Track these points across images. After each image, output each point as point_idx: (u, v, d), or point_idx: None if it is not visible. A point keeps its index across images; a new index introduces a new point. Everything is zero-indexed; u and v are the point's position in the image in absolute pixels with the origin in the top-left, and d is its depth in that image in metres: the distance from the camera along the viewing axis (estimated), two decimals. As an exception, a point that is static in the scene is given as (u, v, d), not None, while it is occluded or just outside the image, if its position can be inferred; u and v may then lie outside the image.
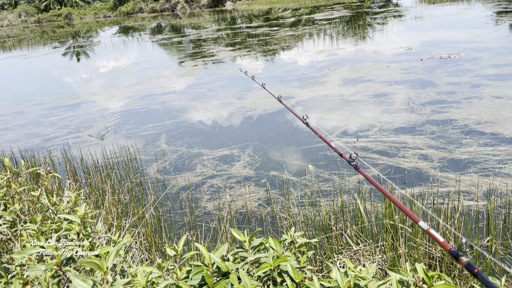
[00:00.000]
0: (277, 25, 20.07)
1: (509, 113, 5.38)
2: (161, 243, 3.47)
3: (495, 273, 2.77)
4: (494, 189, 3.74)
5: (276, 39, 15.19)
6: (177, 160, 5.41)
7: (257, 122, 6.48)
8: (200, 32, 21.42)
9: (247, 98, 7.81)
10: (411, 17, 16.83)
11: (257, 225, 3.74)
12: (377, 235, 3.14)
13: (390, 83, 7.56)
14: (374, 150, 4.93)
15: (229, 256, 1.19)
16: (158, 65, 13.07)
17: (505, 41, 9.96)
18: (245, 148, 5.48)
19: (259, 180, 4.58)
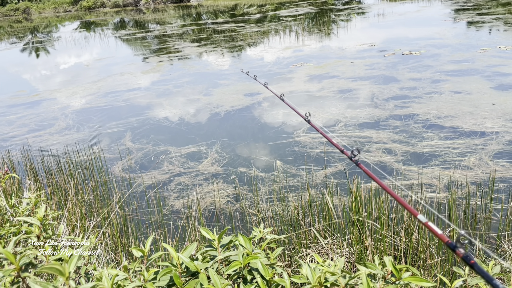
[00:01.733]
0: (243, 21, 20.02)
1: (467, 108, 5.60)
2: (127, 243, 3.40)
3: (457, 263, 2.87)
4: (455, 181, 3.88)
5: (242, 35, 15.16)
6: (142, 158, 5.30)
7: (224, 119, 6.45)
8: (165, 27, 21.07)
9: (214, 95, 7.75)
10: (374, 14, 17.19)
11: (226, 222, 3.73)
12: (344, 228, 3.19)
13: (354, 79, 7.70)
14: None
15: (198, 255, 1.17)
16: (122, 61, 12.77)
17: (463, 37, 10.34)
18: (213, 144, 5.44)
19: (228, 176, 4.56)
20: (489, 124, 5.00)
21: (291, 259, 2.92)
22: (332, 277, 0.95)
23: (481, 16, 13.26)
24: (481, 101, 5.78)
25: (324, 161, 4.63)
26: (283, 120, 6.08)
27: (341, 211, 3.41)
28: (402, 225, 2.98)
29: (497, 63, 7.55)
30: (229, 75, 9.18)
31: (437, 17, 14.47)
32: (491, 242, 3.03)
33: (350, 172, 4.32)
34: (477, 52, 8.61)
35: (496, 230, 3.14)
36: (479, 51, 8.63)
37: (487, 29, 11.22)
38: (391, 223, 3.10)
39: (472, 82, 6.62)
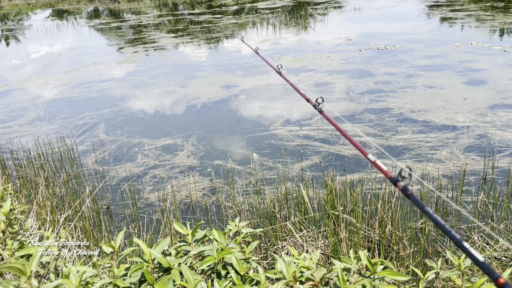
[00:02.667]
0: (220, 12, 19.83)
1: (440, 102, 5.71)
2: (100, 237, 3.33)
3: (429, 254, 2.93)
4: (427, 174, 3.96)
5: (219, 26, 15.02)
6: (116, 150, 5.20)
7: (201, 111, 6.38)
8: (140, 17, 20.66)
9: (191, 86, 7.66)
10: (350, 9, 17.32)
11: (202, 215, 3.70)
12: (320, 221, 3.21)
13: (331, 72, 7.74)
14: (316, 138, 5.03)
15: (172, 250, 1.14)
16: (96, 51, 12.46)
17: (436, 33, 10.54)
18: (189, 137, 5.39)
19: (204, 169, 4.52)
20: (461, 119, 5.12)
21: (266, 252, 2.92)
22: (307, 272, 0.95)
23: (454, 12, 13.53)
24: (453, 96, 5.91)
25: (300, 154, 4.65)
26: (260, 112, 6.07)
27: (317, 204, 3.43)
28: (376, 217, 3.02)
29: (469, 59, 7.73)
30: (206, 67, 9.08)
31: (411, 12, 14.69)
32: (461, 233, 3.11)
33: (326, 165, 4.35)
34: (450, 47, 8.79)
35: (466, 222, 3.22)
36: (452, 47, 8.81)
37: (459, 25, 11.46)
38: (365, 215, 3.14)
39: (445, 77, 6.76)
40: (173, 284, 0.99)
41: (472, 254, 0.66)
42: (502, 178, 3.77)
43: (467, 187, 3.68)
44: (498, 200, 3.38)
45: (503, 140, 4.47)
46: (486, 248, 2.81)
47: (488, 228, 3.02)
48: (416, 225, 3.17)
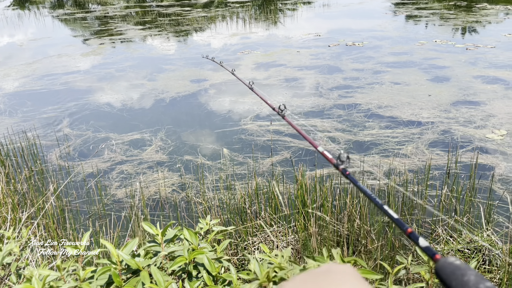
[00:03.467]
0: (189, 5, 19.56)
1: (405, 98, 5.85)
2: (65, 235, 3.23)
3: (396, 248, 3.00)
4: (394, 168, 4.05)
5: (188, 19, 14.81)
6: (82, 145, 5.05)
7: (169, 105, 6.28)
8: (106, 8, 20.10)
9: (159, 80, 7.52)
10: (319, 5, 17.46)
11: (171, 211, 3.65)
12: (290, 216, 3.23)
13: (300, 68, 7.79)
14: (286, 133, 5.05)
15: (141, 251, 1.11)
16: (60, 42, 12.04)
17: (402, 31, 10.78)
18: (157, 132, 5.29)
19: (173, 165, 4.46)
20: (425, 115, 5.26)
21: (237, 248, 2.91)
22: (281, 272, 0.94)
23: (419, 10, 13.88)
24: (418, 92, 6.06)
25: (271, 149, 4.66)
26: (230, 107, 6.03)
27: (287, 199, 3.44)
28: (345, 212, 3.07)
29: (433, 56, 7.95)
30: (175, 60, 8.94)
31: (378, 10, 14.95)
32: (426, 227, 3.20)
33: (296, 160, 4.38)
34: (415, 45, 9.01)
35: (431, 215, 3.31)
36: (417, 44, 9.03)
37: (424, 23, 11.77)
38: (334, 210, 3.18)
39: (410, 74, 6.93)
40: (142, 286, 0.96)
41: (389, 213, 0.79)
42: (464, 173, 3.91)
43: (432, 181, 3.79)
44: (461, 194, 3.49)
45: (465, 136, 4.63)
46: (450, 241, 2.90)
47: (452, 221, 3.12)
48: (384, 219, 3.23)
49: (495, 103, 5.45)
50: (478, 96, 5.74)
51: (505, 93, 5.78)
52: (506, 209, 3.35)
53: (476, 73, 6.76)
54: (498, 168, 3.96)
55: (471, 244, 2.81)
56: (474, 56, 7.79)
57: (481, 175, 3.84)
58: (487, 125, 4.85)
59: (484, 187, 3.66)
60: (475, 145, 4.41)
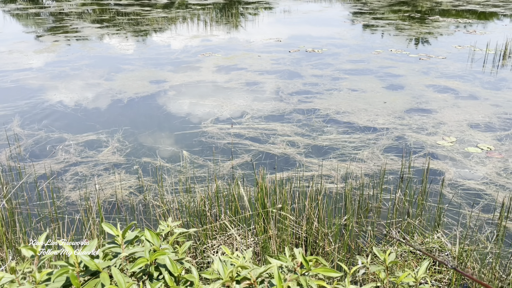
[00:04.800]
0: (149, 5, 19.24)
1: (362, 105, 6.03)
2: (14, 239, 3.07)
3: (352, 249, 3.08)
4: (351, 172, 4.16)
5: (148, 19, 14.56)
6: (33, 145, 4.83)
7: (127, 106, 6.14)
8: (62, 4, 19.39)
9: (117, 80, 7.34)
10: (280, 11, 17.69)
11: (128, 214, 3.56)
12: (250, 218, 3.24)
13: (261, 72, 7.84)
14: (246, 136, 5.06)
15: (99, 252, 1.07)
16: (11, 38, 11.48)
17: (359, 39, 11.12)
18: (114, 133, 5.15)
19: (130, 167, 4.36)
20: (381, 121, 5.45)
21: (196, 251, 2.89)
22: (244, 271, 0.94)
23: (376, 20, 14.37)
24: (374, 99, 6.27)
25: (231, 152, 4.65)
26: (190, 109, 5.98)
27: (247, 202, 3.45)
28: (304, 214, 3.11)
29: (389, 65, 8.25)
30: (133, 60, 8.76)
31: (337, 18, 15.35)
32: (380, 230, 3.31)
33: (256, 164, 4.40)
34: (372, 53, 9.31)
35: (385, 218, 3.43)
36: (374, 53, 9.35)
37: (380, 32, 12.19)
38: (293, 212, 3.22)
39: (367, 81, 7.15)
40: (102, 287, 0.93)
41: None
42: (417, 177, 4.07)
43: (386, 185, 3.93)
44: (413, 197, 3.64)
45: (418, 142, 4.83)
46: (403, 243, 3.01)
47: (405, 223, 3.24)
48: (340, 221, 3.31)
49: (445, 111, 5.73)
50: (430, 104, 6.01)
51: (455, 102, 6.09)
52: (455, 212, 3.52)
53: (428, 82, 7.08)
54: (448, 173, 4.16)
55: (422, 246, 2.93)
56: (427, 66, 8.15)
57: (432, 179, 4.02)
58: (438, 132, 5.08)
59: (435, 191, 3.83)
60: (426, 151, 4.61)
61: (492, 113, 5.67)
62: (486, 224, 3.35)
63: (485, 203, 3.66)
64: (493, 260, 2.76)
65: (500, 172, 4.16)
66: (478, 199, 3.72)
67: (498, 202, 3.62)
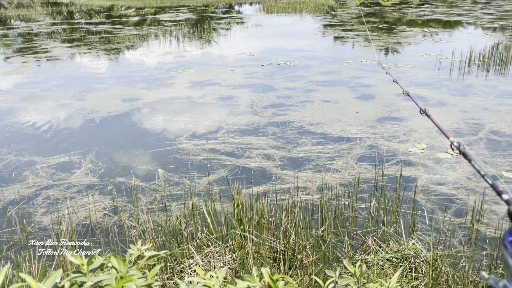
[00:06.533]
0: (121, 23, 19.15)
1: (335, 115, 6.12)
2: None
3: (330, 260, 3.10)
4: (326, 183, 4.20)
5: (119, 37, 14.47)
6: (2, 170, 4.70)
7: (100, 125, 6.05)
8: (30, 25, 19.09)
9: (88, 99, 7.23)
10: (252, 25, 17.88)
11: (102, 237, 3.48)
12: (227, 235, 3.22)
13: (235, 86, 7.88)
14: (222, 151, 5.06)
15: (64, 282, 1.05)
16: (-24, 59, 11.20)
17: (331, 51, 11.33)
18: (87, 153, 5.06)
19: (104, 187, 4.28)
20: (354, 131, 5.53)
21: (173, 271, 2.84)
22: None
23: (346, 32, 14.69)
24: (346, 109, 6.37)
25: (207, 168, 4.63)
26: (164, 126, 5.94)
27: (224, 218, 3.43)
28: (281, 228, 3.12)
29: (359, 75, 8.42)
30: (105, 79, 8.66)
31: (308, 31, 15.62)
32: (357, 239, 3.34)
33: (233, 178, 4.39)
34: (343, 64, 9.49)
35: (361, 227, 3.46)
36: (344, 64, 9.53)
37: (350, 44, 12.46)
38: (271, 226, 3.22)
39: (339, 92, 7.27)
40: (67, 320, 0.90)
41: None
42: (390, 185, 4.14)
43: (361, 194, 3.98)
44: (388, 205, 3.70)
45: (390, 150, 4.93)
46: (379, 251, 3.04)
47: (380, 231, 3.28)
48: (318, 233, 3.33)
49: (415, 119, 5.87)
50: (401, 113, 6.15)
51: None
52: (429, 218, 3.59)
53: (398, 91, 7.25)
54: (420, 179, 4.25)
55: (398, 253, 2.97)
56: (396, 75, 8.35)
57: (405, 186, 4.09)
58: (409, 140, 5.20)
59: (409, 198, 3.90)
60: (399, 158, 4.70)
61: (460, 119, 5.84)
62: (458, 228, 3.43)
63: (457, 208, 3.75)
64: (466, 264, 2.82)
65: (470, 176, 4.27)
66: (450, 204, 3.81)
67: (469, 206, 3.71)
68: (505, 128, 5.50)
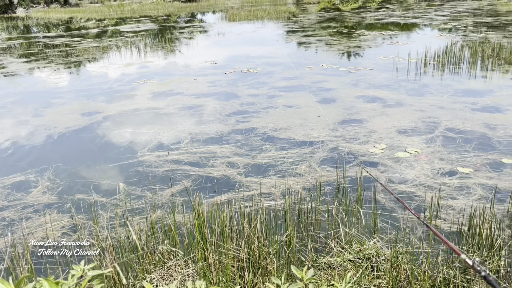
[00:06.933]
0: (80, 35, 18.75)
1: (298, 120, 6.18)
2: None
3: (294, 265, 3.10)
4: (289, 188, 4.22)
5: (79, 50, 14.15)
6: (-47, 193, 4.47)
7: (58, 141, 5.87)
8: (-16, 40, 18.40)
9: (46, 115, 7.02)
10: (215, 33, 17.89)
11: (61, 257, 3.36)
12: (189, 247, 3.17)
13: (198, 95, 7.84)
14: (185, 162, 5.00)
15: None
16: None
17: (293, 57, 11.47)
18: (44, 171, 4.90)
19: (63, 205, 4.14)
20: (316, 134, 5.60)
21: (134, 287, 2.77)
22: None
23: (307, 37, 14.93)
24: (309, 114, 6.45)
25: (170, 180, 4.57)
26: (126, 139, 5.82)
27: (186, 229, 3.39)
28: (244, 235, 3.10)
29: (321, 80, 8.56)
30: (64, 93, 8.44)
31: (270, 37, 15.77)
32: (321, 241, 3.37)
33: (196, 188, 4.34)
34: (305, 69, 9.63)
35: (325, 230, 3.50)
36: (306, 69, 9.66)
37: (312, 49, 12.66)
38: (234, 235, 3.20)
39: (301, 97, 7.36)
40: None
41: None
42: (352, 186, 4.21)
43: (324, 197, 4.02)
44: (349, 206, 3.75)
45: (351, 152, 5.01)
46: (342, 253, 3.08)
47: (343, 233, 3.32)
48: (282, 238, 3.33)
49: (375, 120, 6.01)
50: (361, 115, 6.28)
51: (383, 111, 6.41)
52: (388, 217, 3.66)
53: (358, 93, 7.41)
54: (380, 179, 4.33)
55: (360, 253, 3.01)
56: (356, 78, 8.54)
57: (366, 187, 4.17)
58: (370, 141, 5.31)
59: (370, 198, 3.97)
60: (360, 159, 4.79)
61: (418, 118, 6.02)
62: (418, 225, 3.52)
63: (416, 205, 3.84)
64: (425, 260, 2.89)
65: (427, 173, 4.40)
66: (409, 201, 3.90)
67: (427, 202, 3.82)
68: (460, 125, 5.71)
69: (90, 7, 37.62)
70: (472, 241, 3.15)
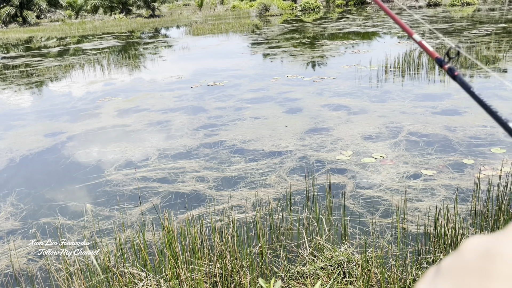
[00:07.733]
0: (41, 55, 18.29)
1: (266, 131, 6.23)
2: None
3: (268, 277, 3.10)
4: (260, 199, 4.23)
5: (40, 70, 13.80)
6: None
7: (20, 165, 5.68)
8: None
9: (6, 138, 6.78)
10: (179, 48, 17.85)
11: (27, 285, 3.24)
12: (160, 265, 3.12)
13: (164, 111, 7.78)
14: (154, 178, 4.94)
15: None
16: None
17: (258, 68, 11.58)
18: (7, 196, 4.72)
19: (27, 231, 4.00)
20: (284, 144, 5.66)
21: (105, 311, 2.70)
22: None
23: (272, 49, 15.12)
24: (276, 124, 6.52)
25: (139, 198, 4.49)
26: (91, 159, 5.70)
27: (156, 248, 3.34)
28: (216, 250, 3.08)
29: (286, 90, 8.67)
30: (25, 115, 8.19)
31: (235, 50, 15.87)
32: (293, 251, 3.39)
33: (166, 205, 4.29)
34: (270, 81, 9.73)
35: (297, 239, 3.52)
36: (272, 80, 9.77)
37: (277, 60, 12.83)
38: (205, 250, 3.17)
39: (268, 108, 7.43)
40: None
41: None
42: (321, 194, 4.26)
43: (294, 206, 4.05)
44: (320, 214, 3.80)
45: (319, 160, 5.09)
46: (314, 261, 3.11)
47: (314, 241, 3.35)
48: (254, 250, 3.33)
49: (340, 128, 6.13)
50: (327, 123, 6.39)
51: (348, 118, 6.55)
52: (358, 222, 3.73)
53: (323, 102, 7.55)
54: (348, 185, 4.42)
55: (331, 260, 3.05)
56: (320, 87, 8.71)
57: (335, 194, 4.23)
58: (336, 148, 5.40)
59: (339, 204, 4.03)
60: (328, 167, 4.87)
61: (381, 124, 6.19)
62: (386, 229, 3.60)
63: (384, 209, 3.93)
64: (394, 263, 2.96)
65: (393, 177, 4.52)
66: (377, 205, 3.99)
67: (394, 205, 3.91)
68: (422, 128, 5.91)
69: (51, 25, 36.79)
70: (439, 241, 3.25)
